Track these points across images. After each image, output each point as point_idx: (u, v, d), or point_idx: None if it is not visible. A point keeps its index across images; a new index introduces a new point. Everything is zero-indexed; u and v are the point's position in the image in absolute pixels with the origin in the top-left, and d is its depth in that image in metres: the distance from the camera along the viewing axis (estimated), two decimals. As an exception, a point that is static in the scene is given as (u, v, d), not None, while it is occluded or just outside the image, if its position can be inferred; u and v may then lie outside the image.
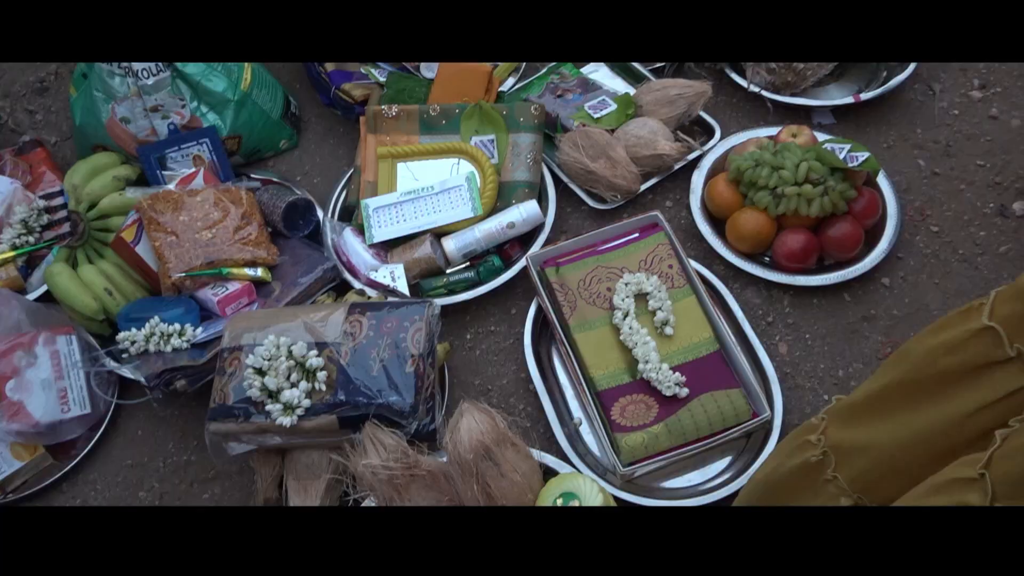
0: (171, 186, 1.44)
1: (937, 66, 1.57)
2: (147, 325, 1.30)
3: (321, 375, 1.14)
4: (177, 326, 1.30)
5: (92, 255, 1.43)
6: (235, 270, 1.36)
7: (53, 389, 1.32)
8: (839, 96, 1.55)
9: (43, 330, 1.35)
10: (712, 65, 1.60)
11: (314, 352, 1.16)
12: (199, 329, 1.32)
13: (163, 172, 1.52)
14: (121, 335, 1.30)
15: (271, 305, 1.34)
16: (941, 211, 1.40)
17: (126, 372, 1.28)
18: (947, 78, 1.56)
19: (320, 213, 1.50)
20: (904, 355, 0.82)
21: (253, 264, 1.38)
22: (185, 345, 1.30)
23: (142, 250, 1.38)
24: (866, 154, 1.32)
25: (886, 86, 1.50)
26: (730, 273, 1.36)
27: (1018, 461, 0.64)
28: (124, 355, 1.31)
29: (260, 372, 1.15)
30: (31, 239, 1.48)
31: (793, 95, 1.52)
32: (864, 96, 1.50)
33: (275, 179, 1.56)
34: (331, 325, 1.19)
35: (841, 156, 1.32)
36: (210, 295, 1.35)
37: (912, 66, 1.51)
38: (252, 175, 1.58)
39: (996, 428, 0.68)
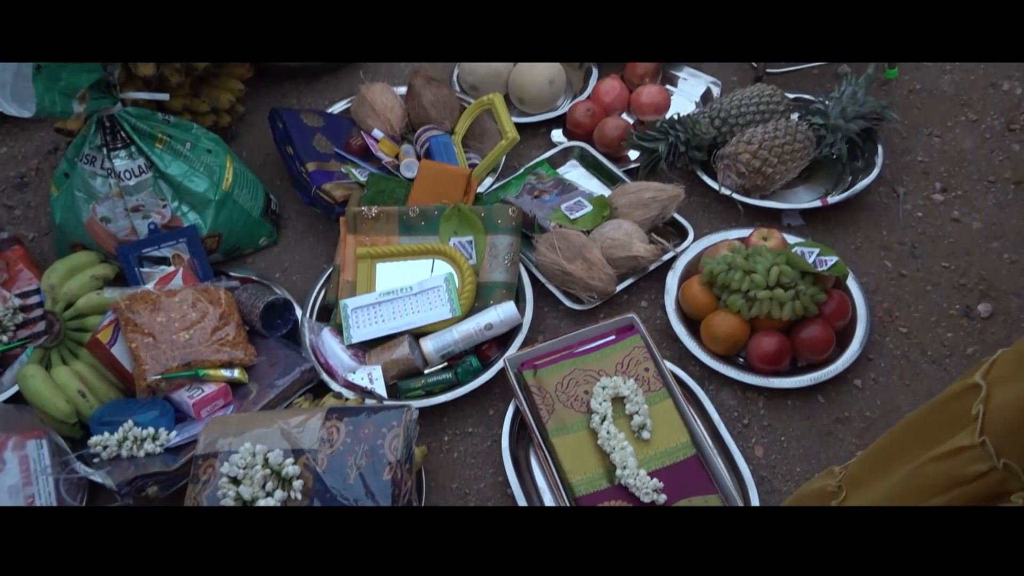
0: (149, 286, 1.45)
1: (900, 169, 1.64)
2: (120, 429, 1.29)
3: (297, 484, 1.14)
4: (151, 430, 1.30)
5: (67, 356, 1.43)
6: (211, 371, 1.37)
7: (20, 495, 1.30)
8: (808, 197, 1.61)
9: (13, 434, 1.33)
10: (684, 167, 1.67)
11: (290, 460, 1.16)
12: (173, 433, 1.31)
13: (142, 271, 1.53)
14: (93, 439, 1.29)
15: (247, 408, 1.34)
16: (909, 312, 1.45)
17: (97, 478, 1.26)
18: (910, 181, 1.63)
19: (298, 312, 1.51)
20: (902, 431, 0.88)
21: (230, 365, 1.39)
22: (158, 450, 1.29)
23: (118, 351, 1.38)
24: (835, 258, 1.37)
25: (852, 189, 1.56)
26: (705, 374, 1.39)
27: None
28: (95, 460, 1.30)
29: (235, 481, 1.14)
30: (4, 338, 1.48)
31: (763, 198, 1.58)
32: (831, 199, 1.56)
33: (254, 277, 1.58)
34: (308, 431, 1.20)
35: (810, 260, 1.36)
36: (185, 397, 1.35)
37: (877, 170, 1.58)
38: (231, 273, 1.59)
39: None
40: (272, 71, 1.95)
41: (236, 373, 1.39)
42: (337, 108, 1.86)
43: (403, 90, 1.82)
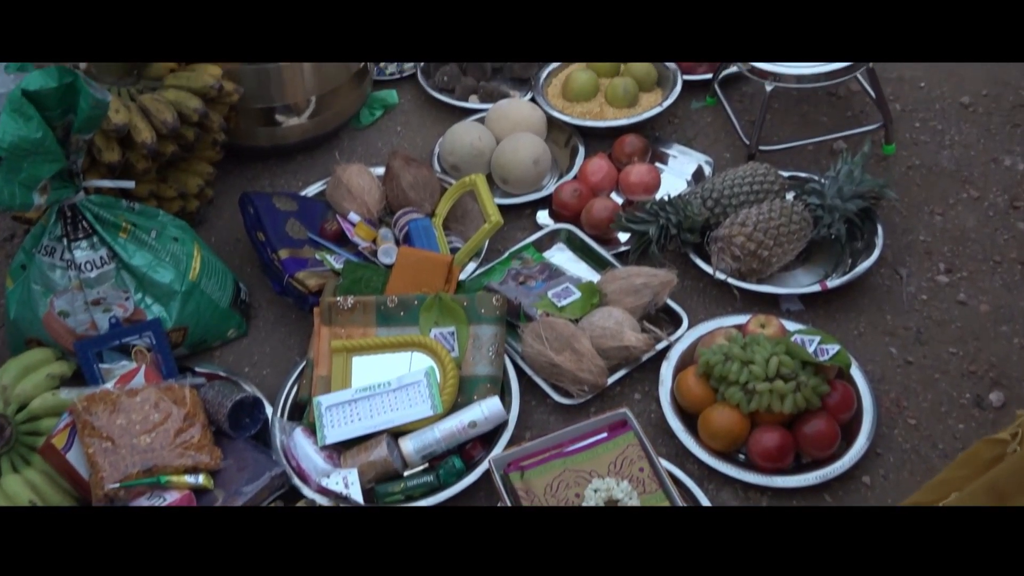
0: (109, 385, 1.45)
1: (902, 250, 1.68)
2: (74, 544, 1.27)
3: (265, 604, 1.12)
4: (107, 544, 1.28)
5: (18, 462, 1.42)
6: (174, 478, 1.36)
7: (-38, 619, 1.27)
8: (806, 280, 1.64)
9: (-44, 551, 1.31)
10: (676, 249, 1.70)
11: (258, 577, 1.14)
12: (131, 547, 1.30)
13: (101, 366, 1.53)
14: (44, 556, 1.27)
15: (212, 518, 1.33)
16: (917, 402, 1.46)
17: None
18: (913, 262, 1.66)
19: (269, 411, 1.51)
20: None
21: (194, 470, 1.38)
22: (115, 566, 1.27)
23: (73, 457, 1.37)
24: (836, 347, 1.38)
25: (853, 272, 1.59)
26: (704, 473, 1.39)
27: None
28: (46, 578, 1.28)
29: (198, 602, 1.13)
30: (-49, 444, 1.47)
31: (759, 282, 1.61)
32: (831, 283, 1.58)
33: (221, 373, 1.58)
34: (278, 544, 1.18)
35: (811, 350, 1.38)
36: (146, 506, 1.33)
37: (877, 251, 1.61)
38: (196, 368, 1.60)
39: None
40: (243, 151, 1.99)
41: (201, 479, 1.38)
42: (311, 190, 1.90)
43: (381, 171, 1.86)
